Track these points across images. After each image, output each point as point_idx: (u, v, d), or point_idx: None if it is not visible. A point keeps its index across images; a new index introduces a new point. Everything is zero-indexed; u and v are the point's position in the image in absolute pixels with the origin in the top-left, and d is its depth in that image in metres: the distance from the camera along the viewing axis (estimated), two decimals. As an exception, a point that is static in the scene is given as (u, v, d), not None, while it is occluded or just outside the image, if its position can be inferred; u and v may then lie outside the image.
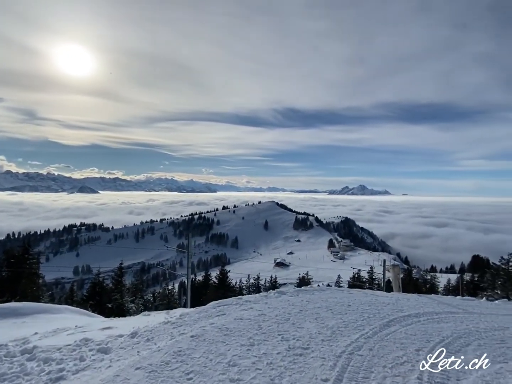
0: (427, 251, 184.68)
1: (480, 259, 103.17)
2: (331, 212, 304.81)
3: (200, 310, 5.98)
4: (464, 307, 8.47)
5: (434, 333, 5.97)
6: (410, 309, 7.53)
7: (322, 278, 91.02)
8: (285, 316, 6.00)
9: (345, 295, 8.15)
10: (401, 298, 8.69)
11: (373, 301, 7.91)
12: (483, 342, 5.80)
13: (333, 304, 7.19)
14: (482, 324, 6.93)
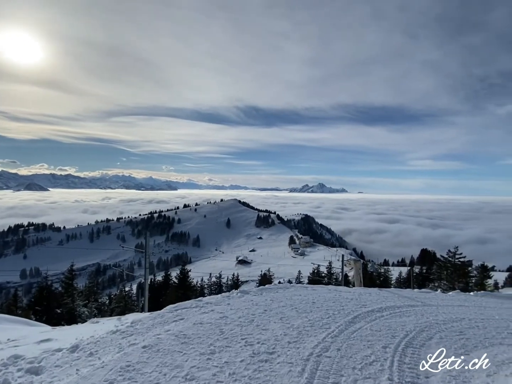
0: (380, 245, 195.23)
1: (428, 253, 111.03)
2: (292, 210, 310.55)
3: (155, 316, 5.39)
4: (422, 299, 8.67)
5: (398, 328, 5.93)
6: (373, 304, 7.51)
7: (283, 274, 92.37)
8: (249, 318, 5.62)
9: (309, 292, 7.97)
10: (363, 293, 8.71)
11: (336, 297, 7.81)
12: (444, 334, 5.86)
13: (298, 302, 6.95)
14: (441, 316, 7.08)
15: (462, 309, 8.13)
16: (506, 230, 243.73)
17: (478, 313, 7.81)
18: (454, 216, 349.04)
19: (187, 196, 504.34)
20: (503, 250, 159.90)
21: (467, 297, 9.70)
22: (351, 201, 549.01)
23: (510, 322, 7.24)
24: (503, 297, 10.20)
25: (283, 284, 8.37)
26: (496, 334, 6.26)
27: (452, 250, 31.48)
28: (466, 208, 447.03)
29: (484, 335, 6.08)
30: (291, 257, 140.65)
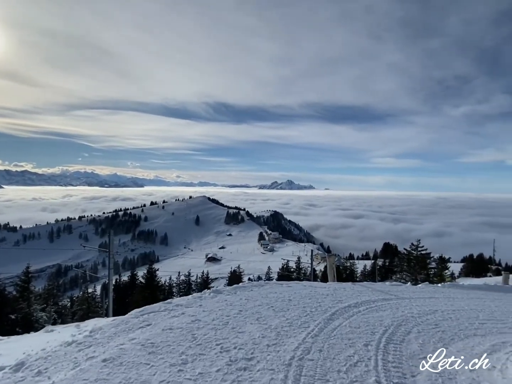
0: (346, 240, 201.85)
1: (390, 246, 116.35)
2: (261, 206, 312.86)
3: (118, 322, 4.80)
4: (395, 293, 8.70)
5: (376, 323, 5.79)
6: (349, 299, 7.38)
7: (253, 270, 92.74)
8: (223, 320, 5.21)
9: (285, 289, 7.69)
10: (338, 287, 8.59)
11: (312, 294, 7.60)
12: (421, 328, 5.80)
13: (274, 300, 6.63)
14: (415, 309, 7.07)
15: (433, 301, 8.23)
16: (460, 224, 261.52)
17: (448, 305, 7.93)
18: (414, 211, 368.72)
19: (154, 193, 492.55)
20: (458, 242, 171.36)
21: (436, 289, 9.91)
22: (318, 197, 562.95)
23: (479, 313, 7.40)
24: (468, 288, 10.56)
25: (258, 282, 8.02)
26: (468, 325, 6.32)
27: (415, 243, 32.90)
28: (424, 204, 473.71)
29: (458, 327, 6.11)
30: (260, 253, 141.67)
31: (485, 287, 11.02)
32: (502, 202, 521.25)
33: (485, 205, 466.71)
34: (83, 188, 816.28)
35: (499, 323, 6.71)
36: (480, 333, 5.89)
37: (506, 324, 6.69)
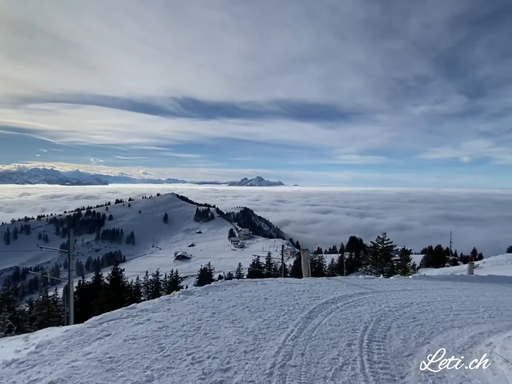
0: (314, 235, 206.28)
1: (356, 240, 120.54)
2: (231, 203, 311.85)
3: (72, 334, 4.13)
4: (370, 286, 8.61)
5: (355, 319, 5.56)
6: (325, 295, 7.14)
7: (223, 267, 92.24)
8: (195, 325, 4.70)
9: (259, 287, 7.30)
10: (313, 283, 8.35)
11: (288, 290, 7.28)
12: (400, 322, 5.64)
13: (249, 300, 6.21)
14: (391, 303, 6.96)
15: (407, 293, 8.21)
16: (420, 218, 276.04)
17: (422, 297, 7.93)
18: (377, 206, 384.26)
19: (120, 190, 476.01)
20: (419, 235, 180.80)
21: (408, 281, 10.00)
22: (287, 193, 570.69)
23: (451, 304, 7.44)
24: (437, 279, 10.78)
25: (231, 281, 7.56)
26: (444, 317, 6.28)
27: (381, 237, 33.91)
28: (387, 199, 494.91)
29: (435, 319, 6.04)
30: (231, 250, 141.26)
31: (452, 277, 11.32)
32: (457, 197, 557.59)
33: (443, 199, 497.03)
34: (42, 186, 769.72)
35: (472, 313, 6.75)
36: (457, 324, 5.85)
37: (479, 314, 6.75)
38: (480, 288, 9.95)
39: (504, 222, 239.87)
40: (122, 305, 25.22)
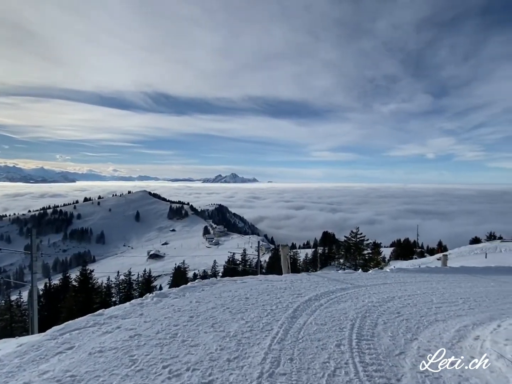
0: (288, 230, 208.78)
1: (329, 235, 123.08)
2: (205, 200, 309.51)
3: (27, 348, 3.53)
4: (351, 281, 8.49)
5: (341, 317, 5.33)
6: (308, 292, 6.90)
7: (198, 265, 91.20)
8: (171, 331, 4.25)
9: (239, 286, 6.92)
10: (294, 280, 8.09)
11: (270, 288, 6.96)
12: (385, 318, 5.48)
13: (229, 300, 5.82)
14: (374, 298, 6.83)
15: (388, 287, 8.15)
16: (389, 212, 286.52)
17: (402, 290, 7.89)
18: (349, 202, 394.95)
19: (88, 188, 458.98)
20: (388, 229, 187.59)
21: (386, 274, 10.00)
22: (261, 190, 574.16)
23: (431, 296, 7.44)
24: (414, 271, 10.90)
25: (209, 280, 7.12)
26: (427, 310, 6.21)
27: (354, 231, 34.62)
28: (358, 194, 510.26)
29: (419, 313, 5.95)
30: (205, 248, 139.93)
31: (428, 269, 11.51)
32: (423, 192, 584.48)
33: (409, 194, 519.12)
34: (4, 184, 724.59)
35: (453, 306, 6.75)
36: (440, 318, 5.78)
37: (459, 306, 6.76)
38: (455, 279, 10.13)
39: (465, 216, 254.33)
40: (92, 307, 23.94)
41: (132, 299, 22.89)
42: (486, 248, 63.71)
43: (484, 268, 13.09)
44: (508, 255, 50.08)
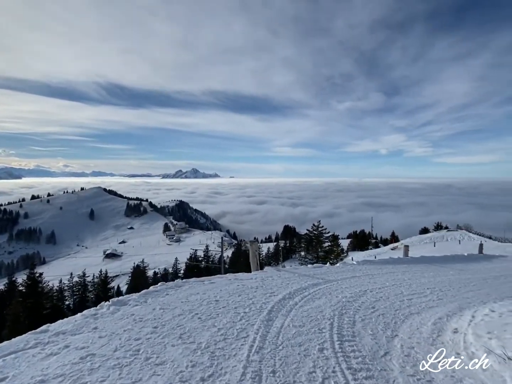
0: (251, 225, 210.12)
1: (290, 228, 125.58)
2: (165, 196, 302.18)
3: None
4: (321, 276, 8.30)
5: (318, 316, 5.04)
6: (280, 290, 6.55)
7: (158, 263, 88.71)
8: (132, 347, 3.64)
9: (208, 287, 6.38)
10: (264, 277, 7.71)
11: (240, 288, 6.51)
12: (362, 314, 5.28)
13: (198, 305, 5.28)
14: (347, 293, 6.66)
15: (358, 280, 8.07)
16: (346, 205, 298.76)
17: (372, 283, 7.85)
18: (308, 196, 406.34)
19: (36, 185, 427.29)
20: (345, 221, 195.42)
21: (354, 267, 9.99)
22: (223, 185, 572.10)
23: (401, 288, 7.45)
24: (379, 263, 11.04)
25: (174, 282, 6.48)
26: (400, 303, 6.15)
27: (316, 224, 35.30)
28: (317, 189, 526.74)
29: (393, 307, 5.85)
30: (166, 245, 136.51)
31: (391, 260, 11.74)
32: (377, 186, 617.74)
33: (364, 188, 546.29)
34: None
35: (422, 297, 6.78)
36: (414, 310, 5.71)
37: (428, 297, 6.80)
38: (417, 269, 10.39)
39: (414, 207, 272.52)
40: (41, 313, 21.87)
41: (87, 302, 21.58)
42: (434, 237, 68.52)
43: (442, 257, 13.71)
44: (453, 243, 54.21)
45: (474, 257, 15.00)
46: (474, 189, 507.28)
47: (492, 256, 16.68)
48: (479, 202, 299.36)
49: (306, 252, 37.58)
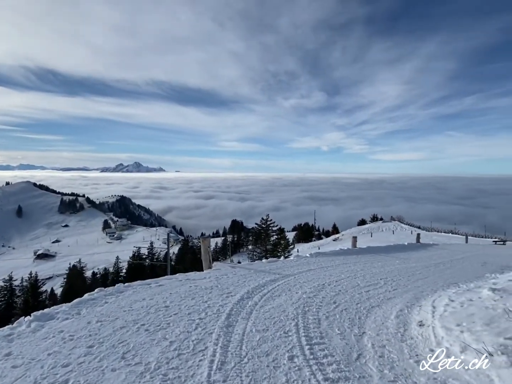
0: (198, 220, 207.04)
1: (237, 223, 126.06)
2: (105, 192, 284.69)
3: None
4: (277, 271, 7.97)
5: (281, 316, 4.64)
6: (237, 289, 6.04)
7: (98, 263, 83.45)
8: (58, 377, 2.82)
9: (155, 291, 5.59)
10: (219, 275, 7.12)
11: (193, 290, 5.83)
12: (325, 311, 5.00)
13: (144, 313, 4.52)
14: (307, 288, 6.37)
15: (313, 274, 7.88)
16: (291, 199, 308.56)
17: (328, 276, 7.71)
18: (256, 190, 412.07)
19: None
20: (291, 214, 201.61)
21: (307, 260, 9.86)
22: (169, 180, 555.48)
23: (356, 280, 7.40)
24: (330, 255, 11.09)
25: (114, 288, 5.57)
26: (359, 296, 6.02)
27: (264, 218, 35.50)
28: (264, 184, 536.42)
29: (353, 300, 5.67)
30: (106, 243, 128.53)
31: (341, 252, 11.90)
32: (319, 180, 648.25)
33: (308, 183, 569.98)
34: None
35: (378, 288, 6.76)
36: (374, 303, 5.60)
37: (384, 288, 6.80)
38: (366, 260, 10.62)
39: (352, 201, 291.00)
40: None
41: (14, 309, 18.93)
42: (371, 228, 73.52)
43: (386, 247, 14.34)
44: (388, 233, 58.61)
45: (413, 246, 16.01)
46: (404, 184, 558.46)
47: (427, 244, 18.04)
48: (408, 196, 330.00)
49: (255, 245, 37.69)
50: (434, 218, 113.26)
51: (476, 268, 10.46)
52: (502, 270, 10.31)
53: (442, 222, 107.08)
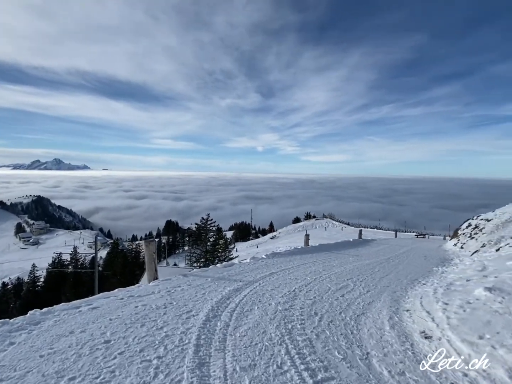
0: (129, 222, 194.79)
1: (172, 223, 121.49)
2: (18, 191, 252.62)
3: None
4: (236, 276, 6.96)
5: (264, 342, 3.66)
6: (198, 305, 4.84)
7: (9, 271, 73.41)
8: None
9: (87, 319, 4.03)
10: (170, 287, 5.78)
11: (141, 312, 4.43)
12: (311, 327, 4.16)
13: (73, 358, 3.04)
14: (277, 297, 5.47)
15: (278, 279, 7.03)
16: (228, 199, 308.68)
17: (294, 280, 6.93)
18: (192, 190, 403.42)
19: None
20: (228, 214, 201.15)
21: (266, 262, 8.95)
22: (95, 178, 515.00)
23: (326, 283, 6.72)
24: (286, 255, 10.42)
25: (25, 316, 3.92)
26: (336, 302, 5.31)
27: (205, 217, 34.15)
28: (200, 183, 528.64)
29: (334, 309, 4.97)
30: (20, 249, 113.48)
31: (296, 251, 11.33)
32: (254, 180, 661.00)
33: (244, 182, 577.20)
34: None
35: (351, 291, 6.26)
36: (357, 311, 4.98)
37: (356, 291, 6.28)
38: (323, 259, 10.18)
39: (286, 200, 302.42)
40: None
41: None
42: (305, 226, 76.44)
43: (335, 244, 14.27)
44: (321, 230, 61.38)
45: (358, 243, 16.28)
46: (332, 184, 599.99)
47: (368, 240, 18.61)
48: (336, 195, 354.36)
49: (193, 246, 36.10)
50: (359, 215, 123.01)
51: (421, 262, 10.73)
52: (443, 263, 10.75)
53: (366, 218, 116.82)
